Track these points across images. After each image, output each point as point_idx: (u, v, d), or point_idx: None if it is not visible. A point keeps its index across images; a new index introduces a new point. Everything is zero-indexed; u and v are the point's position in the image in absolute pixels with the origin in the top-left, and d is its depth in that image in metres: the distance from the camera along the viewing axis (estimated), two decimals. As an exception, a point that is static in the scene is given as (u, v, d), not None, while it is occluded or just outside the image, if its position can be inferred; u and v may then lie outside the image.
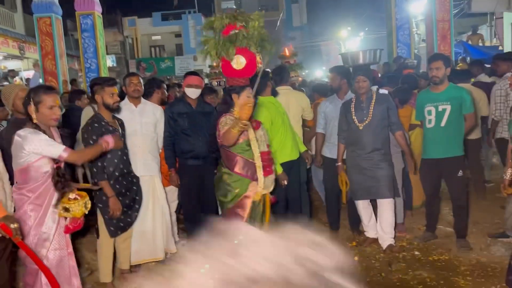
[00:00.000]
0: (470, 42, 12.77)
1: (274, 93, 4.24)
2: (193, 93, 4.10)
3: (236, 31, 3.09)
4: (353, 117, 3.98)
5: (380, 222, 4.03)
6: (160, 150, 4.05)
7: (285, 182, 3.78)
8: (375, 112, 3.92)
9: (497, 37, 13.72)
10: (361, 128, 3.93)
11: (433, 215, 4.24)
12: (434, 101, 3.92)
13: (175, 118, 4.04)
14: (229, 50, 3.09)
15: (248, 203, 3.17)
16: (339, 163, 4.17)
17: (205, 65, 19.09)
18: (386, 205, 3.97)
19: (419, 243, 4.16)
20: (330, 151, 4.43)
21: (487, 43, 13.73)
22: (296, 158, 4.14)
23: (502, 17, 12.31)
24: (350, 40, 26.66)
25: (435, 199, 4.18)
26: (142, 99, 3.92)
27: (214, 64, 5.49)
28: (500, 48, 11.90)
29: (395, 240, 4.07)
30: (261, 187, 3.15)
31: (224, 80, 6.36)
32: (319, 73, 24.08)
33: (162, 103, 4.33)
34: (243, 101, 2.92)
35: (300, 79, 7.41)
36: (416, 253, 3.99)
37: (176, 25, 25.92)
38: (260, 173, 3.14)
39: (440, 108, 3.87)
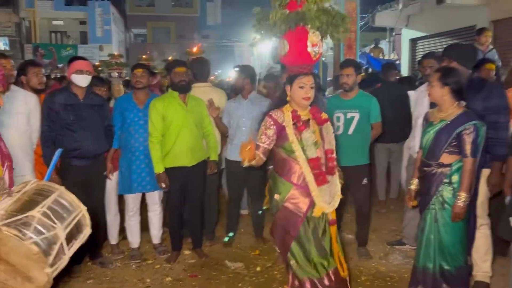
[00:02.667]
0: (372, 55, 13.52)
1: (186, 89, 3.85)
2: (83, 80, 3.50)
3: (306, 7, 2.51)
4: None
5: None
6: (35, 146, 3.48)
7: (163, 186, 3.67)
8: None
9: (395, 52, 14.76)
10: None
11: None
12: (343, 108, 3.86)
13: (56, 110, 3.44)
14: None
15: (294, 218, 2.63)
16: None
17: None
18: None
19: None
20: (234, 153, 4.18)
21: (386, 57, 14.67)
22: (196, 163, 3.82)
23: (400, 33, 13.18)
24: (262, 43, 26.95)
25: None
26: (13, 86, 3.30)
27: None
28: (398, 62, 12.73)
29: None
30: (317, 199, 2.58)
31: (126, 71, 5.79)
32: (232, 73, 23.99)
33: (38, 91, 3.70)
34: (242, 144, 2.49)
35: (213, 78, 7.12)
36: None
37: (81, 11, 24.04)
38: (311, 181, 2.58)
39: (348, 116, 3.82)
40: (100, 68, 7.14)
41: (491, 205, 3.26)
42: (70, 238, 1.75)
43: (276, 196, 2.67)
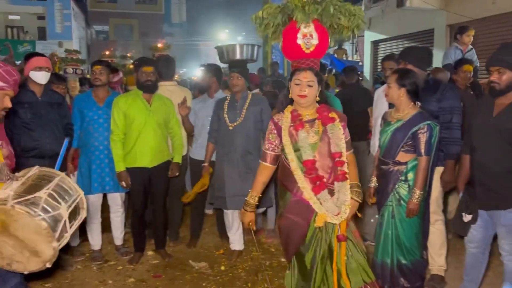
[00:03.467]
0: (336, 56, 13.78)
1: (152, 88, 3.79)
2: (42, 77, 3.40)
3: None
4: (225, 116, 3.75)
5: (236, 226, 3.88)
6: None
7: (124, 185, 3.62)
8: (248, 114, 3.70)
9: (358, 53, 15.11)
10: (231, 128, 3.70)
11: None
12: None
13: (13, 108, 3.31)
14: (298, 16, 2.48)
15: (294, 232, 2.47)
16: (206, 164, 3.91)
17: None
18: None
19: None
20: (198, 153, 4.16)
21: (350, 58, 14.99)
22: (157, 164, 3.77)
23: (363, 35, 13.50)
24: (228, 42, 26.97)
25: None
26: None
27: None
28: (361, 63, 13.04)
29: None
30: (316, 206, 2.39)
31: (82, 68, 5.61)
32: (198, 72, 23.82)
33: None
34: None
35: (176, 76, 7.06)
36: (283, 260, 3.94)
37: (39, 5, 23.18)
38: (306, 187, 2.41)
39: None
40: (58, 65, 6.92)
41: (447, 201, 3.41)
42: (70, 218, 1.96)
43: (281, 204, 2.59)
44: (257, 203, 2.59)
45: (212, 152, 3.89)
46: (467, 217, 2.78)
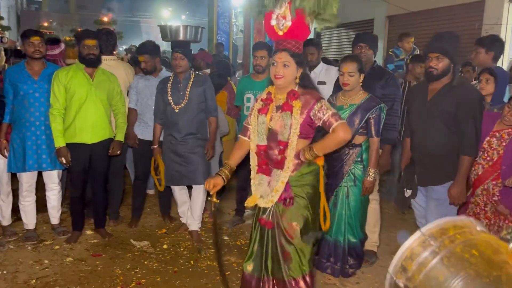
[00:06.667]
0: (272, 40, 13.92)
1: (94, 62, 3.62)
2: None
3: None
4: (169, 98, 3.70)
5: (191, 207, 3.88)
6: None
7: (63, 161, 3.50)
8: (191, 95, 3.67)
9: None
10: (177, 111, 3.66)
11: (242, 200, 4.32)
12: (254, 89, 3.95)
13: None
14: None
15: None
16: (155, 146, 3.85)
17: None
18: (199, 192, 3.82)
19: (228, 228, 4.20)
20: (142, 132, 4.08)
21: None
22: (98, 141, 3.66)
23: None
24: (171, 21, 26.28)
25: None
26: None
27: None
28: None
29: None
30: (252, 187, 2.49)
31: (7, 36, 5.23)
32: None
33: None
34: None
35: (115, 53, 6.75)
36: (225, 238, 4.00)
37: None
38: (253, 167, 2.50)
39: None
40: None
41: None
42: None
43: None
44: (228, 175, 2.52)
45: (159, 133, 3.84)
46: (407, 192, 3.05)
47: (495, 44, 3.55)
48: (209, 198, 2.75)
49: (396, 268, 1.34)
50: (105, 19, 6.04)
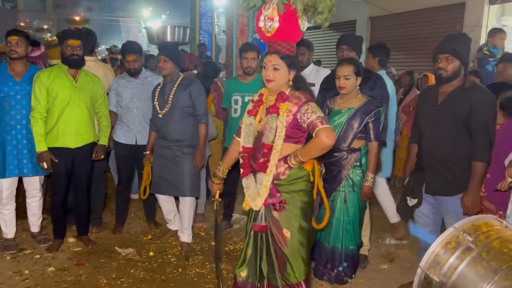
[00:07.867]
0: (263, 41, 13.88)
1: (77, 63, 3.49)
2: None
3: None
4: (155, 102, 3.58)
5: (180, 219, 3.74)
6: None
7: (45, 166, 3.36)
8: (174, 100, 3.49)
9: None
10: (160, 116, 3.53)
11: (230, 205, 4.25)
12: (241, 91, 3.88)
13: None
14: None
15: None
16: (147, 152, 3.71)
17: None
18: (186, 203, 3.65)
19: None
20: (125, 135, 3.95)
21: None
22: (81, 145, 3.53)
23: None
24: (151, 20, 25.97)
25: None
26: None
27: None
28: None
29: (192, 234, 3.89)
30: (245, 190, 2.47)
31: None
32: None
33: None
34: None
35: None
36: (213, 243, 3.91)
37: None
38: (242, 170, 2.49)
39: (246, 99, 3.83)
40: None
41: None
42: None
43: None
44: (225, 176, 2.65)
45: (153, 140, 3.69)
46: (412, 201, 2.90)
47: (380, 50, 3.94)
48: (212, 199, 2.80)
49: (429, 263, 1.37)
50: (77, 18, 5.86)
